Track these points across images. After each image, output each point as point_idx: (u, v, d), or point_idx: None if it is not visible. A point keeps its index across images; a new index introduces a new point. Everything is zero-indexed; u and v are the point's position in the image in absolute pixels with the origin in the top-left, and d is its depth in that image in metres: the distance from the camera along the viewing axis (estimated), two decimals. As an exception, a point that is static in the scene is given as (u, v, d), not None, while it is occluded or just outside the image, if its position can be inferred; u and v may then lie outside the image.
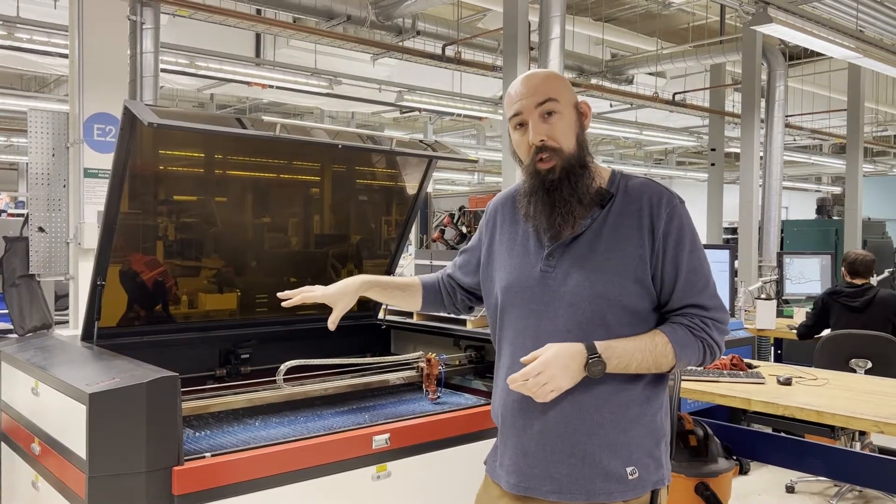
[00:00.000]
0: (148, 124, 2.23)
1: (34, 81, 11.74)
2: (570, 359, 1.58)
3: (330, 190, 3.31)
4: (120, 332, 2.77)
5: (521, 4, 6.37)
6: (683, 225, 1.66)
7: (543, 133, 1.67)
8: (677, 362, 1.64)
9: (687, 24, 10.48)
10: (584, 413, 1.63)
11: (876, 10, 7.31)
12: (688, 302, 1.65)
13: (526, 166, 1.72)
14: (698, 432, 3.41)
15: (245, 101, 12.36)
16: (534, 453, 1.68)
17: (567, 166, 1.67)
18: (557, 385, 1.58)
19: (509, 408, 1.73)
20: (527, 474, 1.69)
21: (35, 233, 3.49)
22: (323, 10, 7.12)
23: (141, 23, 5.84)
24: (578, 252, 1.67)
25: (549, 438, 1.66)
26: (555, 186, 1.66)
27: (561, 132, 1.68)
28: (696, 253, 1.67)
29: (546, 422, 1.66)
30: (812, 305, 5.08)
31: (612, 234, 1.65)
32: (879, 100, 13.55)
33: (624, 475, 1.64)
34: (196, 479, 2.02)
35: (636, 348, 1.61)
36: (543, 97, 1.68)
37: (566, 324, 1.65)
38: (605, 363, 1.59)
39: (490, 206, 1.94)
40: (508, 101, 1.74)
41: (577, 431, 1.64)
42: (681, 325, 1.65)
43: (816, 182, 21.56)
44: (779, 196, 9.00)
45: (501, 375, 1.77)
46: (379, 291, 2.03)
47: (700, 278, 1.66)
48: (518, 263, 1.74)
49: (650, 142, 15.68)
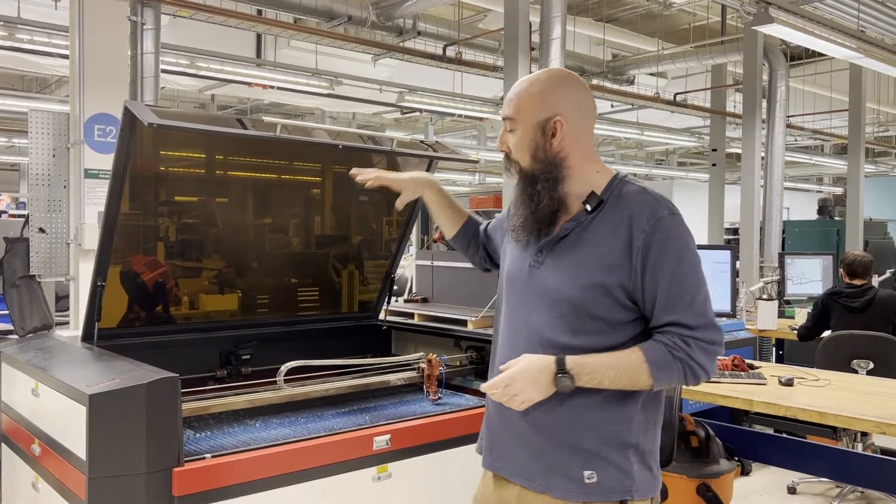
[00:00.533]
0: (148, 125, 2.23)
1: (35, 82, 11.75)
2: (538, 373, 1.60)
3: (331, 190, 3.31)
4: (120, 333, 2.77)
5: (522, 5, 6.36)
6: (669, 238, 1.60)
7: (506, 144, 1.78)
8: (654, 382, 1.60)
9: (688, 24, 10.47)
10: (543, 411, 1.66)
11: (877, 10, 7.30)
12: (668, 319, 1.60)
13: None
14: (700, 433, 3.40)
15: (246, 102, 12.36)
16: (501, 434, 1.76)
17: (524, 179, 1.75)
18: (528, 397, 1.61)
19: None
20: (497, 454, 1.77)
21: (36, 233, 3.48)
22: (324, 11, 7.12)
23: (141, 23, 5.83)
24: (561, 252, 1.69)
25: (516, 426, 1.71)
26: (521, 190, 1.76)
27: (515, 148, 1.76)
28: (683, 267, 1.60)
29: (514, 414, 1.70)
30: (812, 306, 5.07)
31: (590, 239, 1.66)
32: (881, 100, 13.53)
33: (580, 477, 1.64)
34: (196, 481, 2.01)
35: (609, 365, 1.60)
36: (505, 113, 1.78)
37: (538, 323, 1.69)
38: (573, 379, 1.59)
39: (509, 208, 2.01)
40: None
41: (537, 427, 1.68)
42: (660, 344, 1.60)
43: (818, 182, 21.54)
44: (780, 196, 8.99)
45: (494, 367, 1.81)
46: (436, 197, 2.11)
47: (684, 294, 1.59)
48: (517, 258, 1.79)
49: (651, 142, 15.66)
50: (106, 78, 4.78)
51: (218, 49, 7.81)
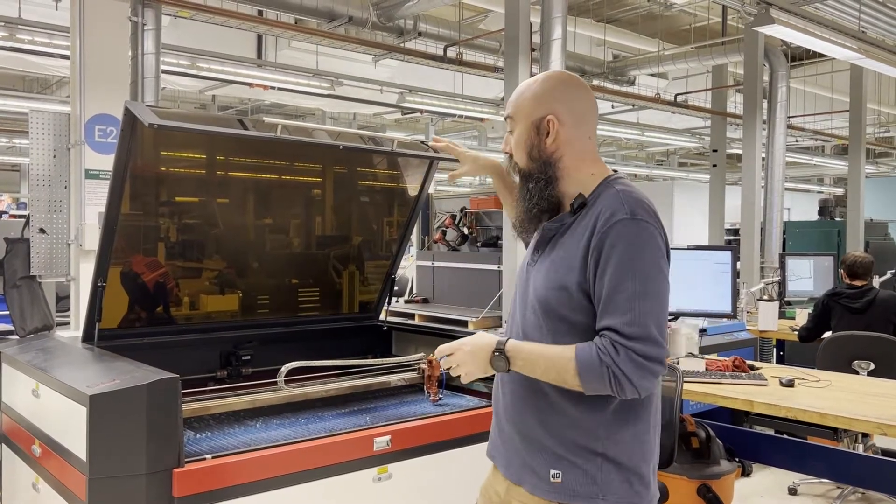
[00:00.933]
0: (149, 125, 2.23)
1: (35, 83, 11.75)
2: (479, 349, 1.70)
3: (331, 191, 3.31)
4: (121, 334, 2.77)
5: (523, 5, 6.36)
6: (620, 241, 1.57)
7: (507, 146, 1.83)
8: (581, 382, 1.57)
9: (689, 25, 10.47)
10: (516, 408, 1.74)
11: (878, 11, 7.30)
12: (604, 324, 1.57)
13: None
14: (700, 434, 3.40)
15: (247, 103, 12.37)
16: (495, 427, 1.84)
17: (523, 177, 1.79)
18: (467, 370, 1.71)
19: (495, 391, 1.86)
20: (492, 445, 1.85)
21: (36, 234, 3.49)
22: (324, 12, 7.12)
23: (142, 24, 5.83)
24: (547, 253, 1.74)
25: (502, 420, 1.79)
26: (525, 190, 1.78)
27: (514, 147, 1.80)
28: (627, 274, 1.55)
29: (501, 403, 1.79)
30: (813, 307, 5.07)
31: (565, 241, 1.69)
32: (881, 101, 13.53)
33: (546, 476, 1.67)
34: (197, 481, 2.01)
35: (542, 356, 1.63)
36: (506, 113, 1.83)
37: (528, 319, 1.73)
38: (508, 360, 1.66)
39: None
40: None
41: (513, 422, 1.75)
42: (593, 346, 1.57)
43: (818, 183, 21.53)
44: (781, 197, 8.98)
45: None
46: (499, 183, 2.13)
47: (622, 299, 1.55)
48: (528, 252, 1.84)
49: (652, 143, 15.66)
50: (106, 78, 4.78)
51: (219, 50, 7.81)
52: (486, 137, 14.92)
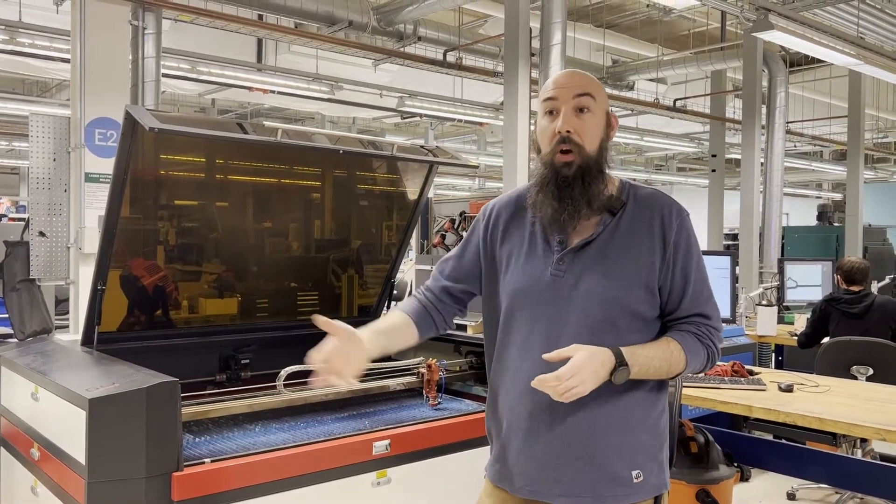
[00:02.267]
0: (149, 129, 2.23)
1: (35, 86, 11.75)
2: (600, 365, 1.59)
3: (331, 195, 3.31)
4: (120, 337, 2.77)
5: (523, 10, 6.38)
6: (691, 236, 1.73)
7: (572, 125, 1.67)
8: (686, 368, 1.71)
9: (688, 30, 10.50)
10: (592, 416, 1.65)
11: (876, 17, 7.32)
12: (695, 311, 1.72)
13: (544, 155, 1.71)
14: (699, 439, 3.40)
15: (246, 107, 12.38)
16: (541, 458, 1.68)
17: (584, 165, 1.67)
18: (585, 389, 1.58)
19: (517, 412, 1.72)
20: (534, 478, 1.69)
21: (36, 237, 3.49)
22: (324, 16, 7.13)
23: (143, 28, 5.84)
24: (590, 257, 1.68)
25: (556, 442, 1.67)
26: (568, 183, 1.66)
27: (588, 130, 1.68)
28: (702, 264, 1.74)
29: (553, 425, 1.67)
30: (811, 313, 5.07)
31: (624, 241, 1.68)
32: (880, 107, 13.55)
33: (629, 478, 1.66)
34: (196, 485, 2.01)
35: (654, 356, 1.65)
36: (582, 90, 1.69)
37: (577, 328, 1.66)
38: (630, 370, 1.62)
39: (490, 209, 1.88)
40: (546, 87, 1.74)
41: (585, 434, 1.66)
42: (689, 334, 1.71)
43: (817, 188, 21.56)
44: (780, 202, 9.00)
45: (507, 379, 1.76)
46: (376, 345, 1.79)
47: (705, 289, 1.74)
48: (528, 267, 1.73)
49: (651, 148, 15.68)
50: (107, 82, 4.79)
51: (219, 54, 7.83)
52: (485, 142, 14.92)
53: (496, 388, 1.81)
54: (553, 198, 1.67)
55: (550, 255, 1.72)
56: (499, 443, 1.79)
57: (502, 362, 1.79)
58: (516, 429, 1.73)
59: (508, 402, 1.75)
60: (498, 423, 1.79)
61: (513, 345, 1.76)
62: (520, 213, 1.81)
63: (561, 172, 1.67)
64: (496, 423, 1.80)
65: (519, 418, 1.72)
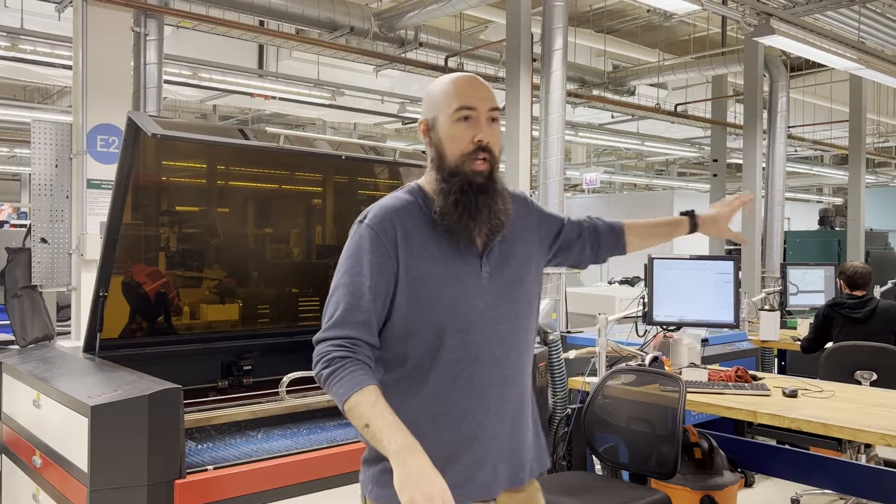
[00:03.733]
0: (151, 135, 2.23)
1: (37, 93, 11.78)
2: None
3: (332, 200, 3.31)
4: (122, 344, 2.76)
5: (524, 16, 6.38)
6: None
7: (490, 137, 1.67)
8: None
9: (688, 35, 10.51)
10: (524, 403, 1.76)
11: (877, 22, 7.33)
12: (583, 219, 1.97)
13: (454, 161, 1.65)
14: (703, 445, 3.39)
15: (248, 113, 12.39)
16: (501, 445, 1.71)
17: (494, 174, 1.69)
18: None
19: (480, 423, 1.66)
20: (502, 468, 1.70)
21: (37, 244, 3.48)
22: (326, 22, 7.14)
23: (144, 34, 5.85)
24: (507, 254, 1.73)
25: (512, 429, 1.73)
26: (481, 190, 1.65)
27: (498, 142, 1.70)
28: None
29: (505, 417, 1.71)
30: (814, 318, 5.06)
31: (522, 236, 1.77)
32: (881, 111, 13.56)
33: (545, 445, 1.82)
34: (198, 493, 2.00)
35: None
36: (494, 104, 1.72)
37: (524, 322, 1.74)
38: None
39: (386, 221, 1.66)
40: (453, 92, 1.66)
41: (522, 420, 1.76)
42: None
43: (817, 193, 21.56)
44: (781, 207, 8.99)
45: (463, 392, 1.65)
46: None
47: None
48: (456, 276, 1.65)
49: (652, 153, 15.69)
50: (109, 88, 4.79)
51: (220, 60, 7.84)
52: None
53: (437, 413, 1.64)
54: (468, 205, 1.63)
55: (475, 259, 1.67)
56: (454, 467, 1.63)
57: (438, 382, 1.64)
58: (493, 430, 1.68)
59: (459, 421, 1.64)
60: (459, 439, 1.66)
61: (454, 360, 1.64)
62: (422, 221, 1.67)
63: (475, 181, 1.64)
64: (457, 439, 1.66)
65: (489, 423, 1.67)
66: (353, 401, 1.52)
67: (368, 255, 1.63)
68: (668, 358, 3.67)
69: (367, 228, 1.66)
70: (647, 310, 3.83)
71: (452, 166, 1.65)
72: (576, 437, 3.69)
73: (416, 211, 1.68)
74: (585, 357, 3.80)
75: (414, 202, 1.69)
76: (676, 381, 2.98)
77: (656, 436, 2.91)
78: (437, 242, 1.65)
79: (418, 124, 1.74)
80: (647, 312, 3.84)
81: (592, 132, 12.23)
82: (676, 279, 3.87)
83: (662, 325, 3.84)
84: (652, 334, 3.89)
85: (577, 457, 3.72)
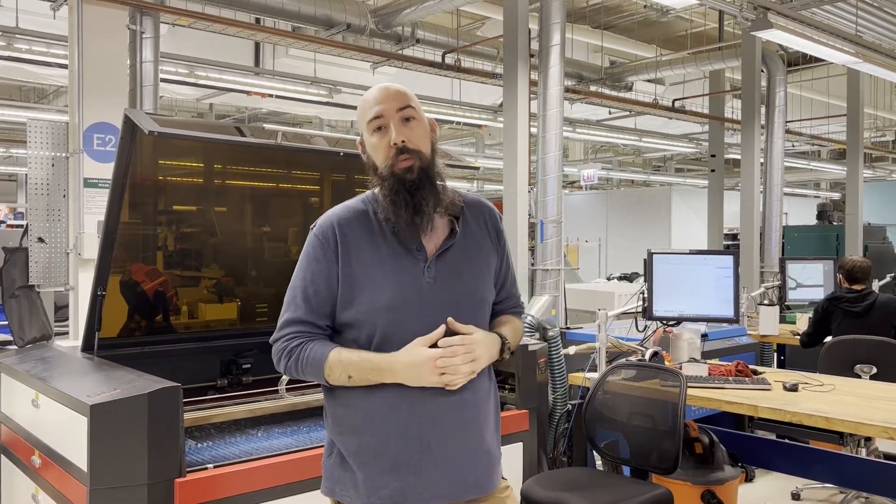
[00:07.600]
0: (148, 133, 2.22)
1: (33, 93, 11.75)
2: (493, 344, 1.74)
3: (330, 198, 3.30)
4: (120, 343, 2.76)
5: (521, 12, 6.37)
6: (505, 232, 1.93)
7: (405, 135, 1.71)
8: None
9: (685, 31, 10.51)
10: (480, 411, 1.75)
11: (874, 16, 7.33)
12: (512, 292, 1.92)
13: (382, 169, 1.72)
14: (704, 439, 3.39)
15: (244, 111, 12.37)
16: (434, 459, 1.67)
17: (425, 167, 1.71)
18: (480, 365, 1.69)
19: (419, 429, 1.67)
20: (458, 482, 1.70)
21: (34, 243, 3.46)
22: (322, 19, 7.12)
23: (140, 32, 5.83)
24: (454, 261, 1.74)
25: (458, 434, 1.70)
26: (415, 186, 1.69)
27: (419, 136, 1.73)
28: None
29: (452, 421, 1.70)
30: (813, 312, 5.06)
31: (473, 241, 1.79)
32: (878, 105, 13.56)
33: (499, 458, 1.80)
34: (198, 491, 2.00)
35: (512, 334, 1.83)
36: (404, 103, 1.73)
37: (465, 314, 1.71)
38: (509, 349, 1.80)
39: (328, 229, 1.73)
40: (366, 107, 1.74)
41: (480, 422, 1.75)
42: (515, 312, 1.92)
43: (815, 188, 21.57)
44: (780, 202, 9.00)
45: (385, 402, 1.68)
46: None
47: (512, 273, 1.93)
48: (396, 280, 1.68)
49: (649, 148, 15.69)
50: (105, 87, 4.78)
51: (216, 58, 7.82)
52: (483, 144, 14.94)
53: (374, 417, 1.69)
54: (407, 204, 1.68)
55: (417, 262, 1.70)
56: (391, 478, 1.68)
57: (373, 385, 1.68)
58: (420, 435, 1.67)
59: (403, 427, 1.67)
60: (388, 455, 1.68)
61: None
62: (365, 228, 1.73)
63: (406, 178, 1.69)
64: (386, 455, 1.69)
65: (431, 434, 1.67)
66: (327, 371, 1.68)
67: (314, 262, 1.74)
68: (668, 353, 3.67)
69: (313, 236, 1.76)
70: (647, 305, 3.82)
71: (384, 173, 1.72)
72: (576, 432, 3.69)
73: (363, 218, 1.74)
74: (585, 353, 3.80)
75: (364, 210, 1.76)
76: (677, 375, 2.98)
77: (657, 431, 2.91)
78: (377, 248, 1.71)
79: (356, 144, 1.83)
80: (646, 308, 3.83)
81: (590, 128, 12.23)
82: (676, 274, 3.87)
83: (662, 320, 3.84)
84: (652, 329, 3.88)
85: (578, 452, 3.72)
